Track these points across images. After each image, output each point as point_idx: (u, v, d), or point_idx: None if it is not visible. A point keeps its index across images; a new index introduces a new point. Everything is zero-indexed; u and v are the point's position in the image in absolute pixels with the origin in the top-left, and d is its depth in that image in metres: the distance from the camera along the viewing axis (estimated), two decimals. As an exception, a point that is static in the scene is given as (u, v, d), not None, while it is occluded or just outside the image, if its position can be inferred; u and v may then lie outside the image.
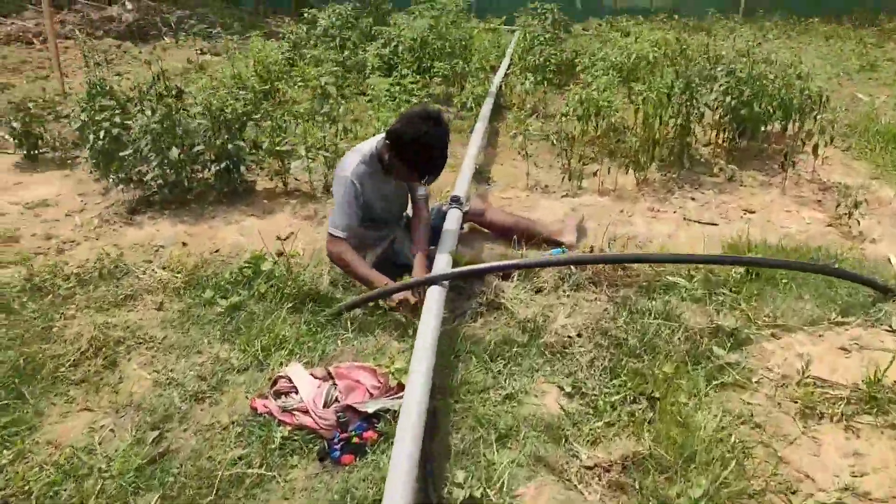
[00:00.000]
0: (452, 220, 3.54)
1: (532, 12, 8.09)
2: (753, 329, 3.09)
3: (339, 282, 3.40)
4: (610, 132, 5.48)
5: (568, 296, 3.34)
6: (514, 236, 3.80)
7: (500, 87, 6.60)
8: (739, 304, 3.24)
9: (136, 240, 3.96)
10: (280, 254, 3.64)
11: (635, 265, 3.49)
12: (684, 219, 4.31)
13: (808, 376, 2.70)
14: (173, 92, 4.22)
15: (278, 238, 3.98)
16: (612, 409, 2.57)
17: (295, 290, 3.21)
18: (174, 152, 4.11)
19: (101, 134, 4.32)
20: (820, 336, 3.06)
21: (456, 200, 3.73)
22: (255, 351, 2.83)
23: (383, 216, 3.46)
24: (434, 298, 2.84)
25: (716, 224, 4.24)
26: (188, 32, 8.54)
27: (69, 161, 5.08)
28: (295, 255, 3.72)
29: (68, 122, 5.23)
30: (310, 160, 4.53)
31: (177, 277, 3.43)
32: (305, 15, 7.62)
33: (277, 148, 4.29)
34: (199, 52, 6.99)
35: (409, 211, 3.70)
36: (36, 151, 5.12)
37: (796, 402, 2.62)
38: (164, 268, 3.58)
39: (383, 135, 3.25)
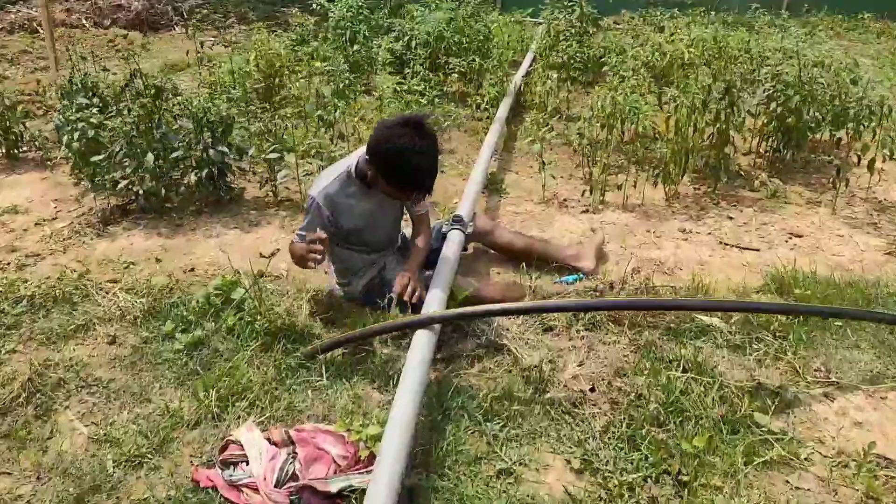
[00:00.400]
0: (452, 245, 3.08)
1: (558, 5, 7.54)
2: (802, 386, 2.61)
3: (319, 313, 2.97)
4: (638, 139, 4.97)
5: (582, 337, 2.88)
6: (525, 261, 3.35)
7: (521, 86, 6.11)
8: (785, 354, 2.75)
9: (106, 254, 3.58)
10: (260, 274, 3.24)
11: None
12: (720, 242, 3.81)
13: (870, 457, 2.22)
14: (152, 91, 3.80)
15: (261, 255, 3.57)
16: (628, 493, 2.11)
17: (267, 324, 2.79)
18: (150, 158, 3.71)
19: (76, 135, 3.94)
20: (882, 398, 2.57)
21: (458, 220, 3.28)
22: (210, 402, 2.41)
23: (367, 239, 3.01)
24: (420, 345, 2.40)
25: (756, 249, 3.74)
26: (199, 22, 8.14)
27: (49, 162, 4.71)
28: (279, 277, 3.33)
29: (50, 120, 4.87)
30: (305, 165, 4.11)
31: (138, 303, 3.03)
32: (315, 6, 7.17)
33: (264, 155, 3.87)
34: (200, 43, 6.57)
35: (406, 231, 3.29)
36: (16, 150, 4.76)
37: (856, 490, 2.14)
38: (128, 290, 3.18)
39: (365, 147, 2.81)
